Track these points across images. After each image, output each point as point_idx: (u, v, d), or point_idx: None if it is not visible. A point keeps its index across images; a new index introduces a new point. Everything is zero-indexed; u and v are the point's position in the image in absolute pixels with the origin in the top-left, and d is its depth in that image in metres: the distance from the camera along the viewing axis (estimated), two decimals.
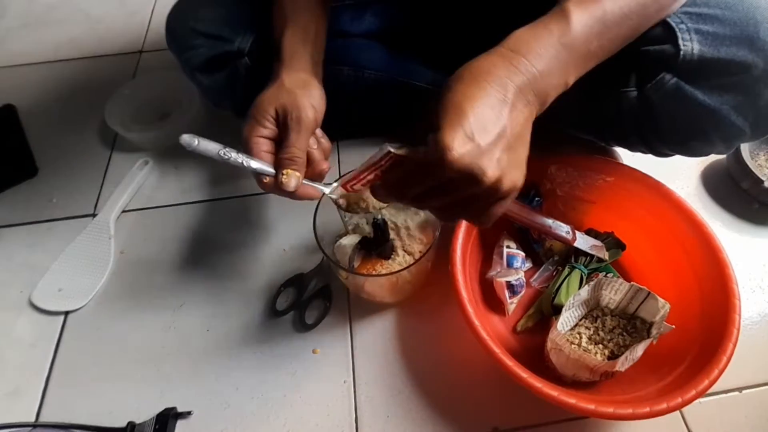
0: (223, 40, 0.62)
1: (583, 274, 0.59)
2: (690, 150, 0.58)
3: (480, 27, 0.67)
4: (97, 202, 0.75)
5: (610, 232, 0.62)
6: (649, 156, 0.63)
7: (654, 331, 0.51)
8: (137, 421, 0.54)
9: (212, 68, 0.64)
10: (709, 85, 0.49)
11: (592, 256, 0.60)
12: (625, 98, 0.55)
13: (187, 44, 0.64)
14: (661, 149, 0.59)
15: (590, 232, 0.62)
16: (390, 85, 0.70)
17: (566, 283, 0.58)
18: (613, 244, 0.61)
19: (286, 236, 0.69)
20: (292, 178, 0.45)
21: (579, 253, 0.60)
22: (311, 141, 0.50)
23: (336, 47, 0.67)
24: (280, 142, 0.48)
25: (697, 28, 0.47)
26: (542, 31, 0.38)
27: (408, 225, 0.61)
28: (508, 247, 0.61)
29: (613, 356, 0.53)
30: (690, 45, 0.47)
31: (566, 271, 0.60)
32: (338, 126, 0.78)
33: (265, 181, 0.46)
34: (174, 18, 0.65)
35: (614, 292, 0.55)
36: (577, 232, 0.59)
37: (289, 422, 0.55)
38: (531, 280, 0.62)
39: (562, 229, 0.58)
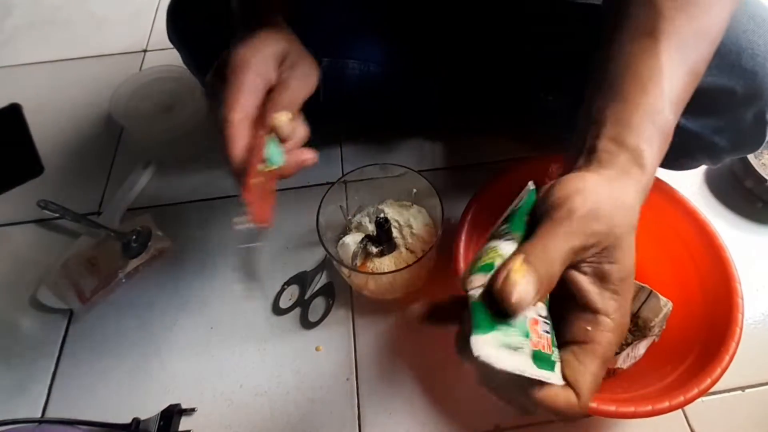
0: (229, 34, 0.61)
1: None
2: (676, 165, 0.60)
3: (482, 22, 0.67)
4: (102, 201, 0.75)
5: None
6: None
7: (656, 330, 0.51)
8: (142, 418, 0.55)
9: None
10: (690, 110, 0.50)
11: None
12: None
13: (190, 39, 0.63)
14: None
15: None
16: (396, 79, 0.70)
17: None
18: None
19: (289, 234, 0.69)
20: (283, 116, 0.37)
21: None
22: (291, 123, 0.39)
23: (342, 40, 0.67)
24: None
25: None
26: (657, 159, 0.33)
27: (411, 223, 0.61)
28: None
29: (614, 354, 0.53)
30: None
31: None
32: (342, 122, 0.79)
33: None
34: (175, 11, 0.63)
35: None
36: None
37: (292, 419, 0.55)
38: None
39: None
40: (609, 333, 0.27)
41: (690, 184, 0.72)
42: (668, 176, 0.59)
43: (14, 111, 0.87)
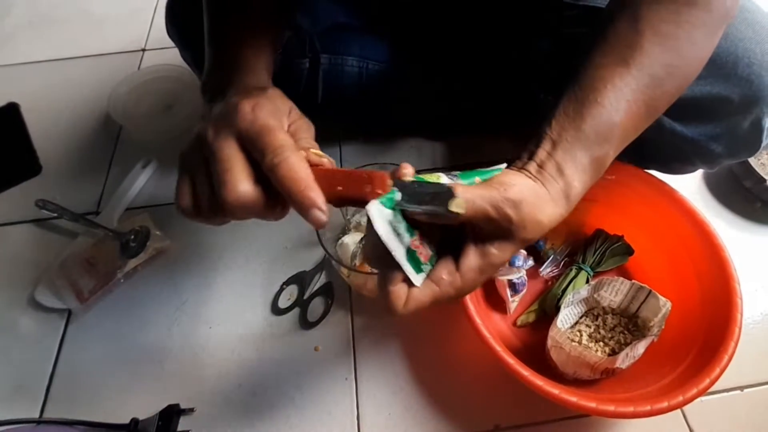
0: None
1: (589, 276, 0.59)
2: (673, 170, 0.61)
3: (479, 21, 0.67)
4: (100, 201, 0.75)
5: (621, 236, 0.61)
6: None
7: (655, 330, 0.51)
8: (140, 418, 0.54)
9: None
10: (687, 118, 0.50)
11: (600, 256, 0.60)
12: None
13: (188, 33, 0.63)
14: (646, 165, 0.61)
15: (599, 234, 0.62)
16: (394, 79, 0.70)
17: (572, 285, 0.58)
18: (622, 249, 0.61)
19: (288, 234, 0.69)
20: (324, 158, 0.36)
21: (586, 253, 0.61)
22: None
23: (340, 38, 0.67)
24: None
25: None
26: (588, 181, 0.37)
27: None
28: None
29: (613, 354, 0.53)
30: None
31: (573, 272, 0.60)
32: (341, 121, 0.79)
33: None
34: (173, 4, 0.63)
35: (615, 292, 0.55)
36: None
37: (291, 419, 0.55)
38: (540, 270, 0.62)
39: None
40: (452, 289, 0.33)
41: (689, 184, 0.72)
42: (667, 176, 0.59)
43: (12, 110, 0.87)
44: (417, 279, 0.33)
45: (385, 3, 0.69)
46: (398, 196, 0.32)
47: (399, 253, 0.32)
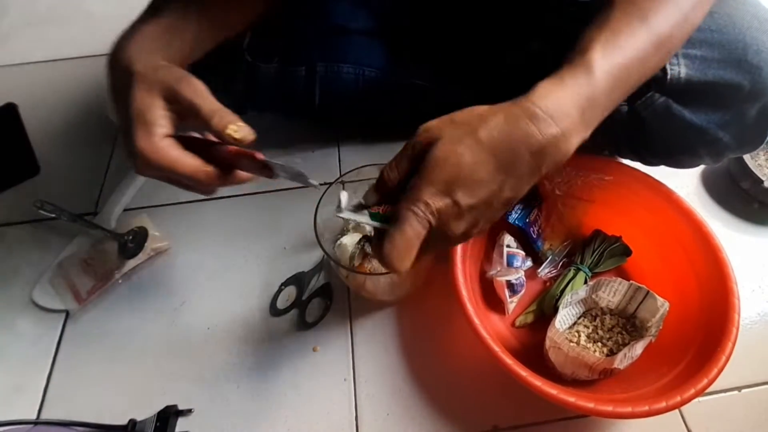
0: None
1: (587, 277, 0.60)
2: (678, 162, 0.60)
3: (478, 23, 0.68)
4: (98, 201, 0.75)
5: (619, 236, 0.62)
6: None
7: (653, 330, 0.51)
8: (138, 419, 0.54)
9: (211, 64, 0.64)
10: (697, 104, 0.51)
11: (598, 257, 0.60)
12: (616, 112, 0.56)
13: None
14: (650, 160, 0.61)
15: (597, 235, 0.62)
16: (391, 85, 0.70)
17: (571, 286, 0.59)
18: (620, 250, 0.61)
19: (286, 234, 0.69)
20: (243, 129, 0.38)
21: (584, 254, 0.61)
22: None
23: (336, 45, 0.67)
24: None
25: (685, 52, 0.48)
26: (568, 87, 0.36)
27: None
28: (508, 246, 0.61)
29: (611, 354, 0.53)
30: (677, 69, 0.49)
31: (571, 273, 0.60)
32: (339, 127, 0.79)
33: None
34: None
35: (613, 292, 0.55)
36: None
37: (289, 420, 0.55)
38: (538, 271, 0.63)
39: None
40: (414, 206, 0.34)
41: (687, 184, 0.73)
42: (665, 177, 0.59)
43: (10, 110, 0.87)
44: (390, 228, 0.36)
45: (385, 5, 0.69)
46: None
47: (363, 219, 0.38)
